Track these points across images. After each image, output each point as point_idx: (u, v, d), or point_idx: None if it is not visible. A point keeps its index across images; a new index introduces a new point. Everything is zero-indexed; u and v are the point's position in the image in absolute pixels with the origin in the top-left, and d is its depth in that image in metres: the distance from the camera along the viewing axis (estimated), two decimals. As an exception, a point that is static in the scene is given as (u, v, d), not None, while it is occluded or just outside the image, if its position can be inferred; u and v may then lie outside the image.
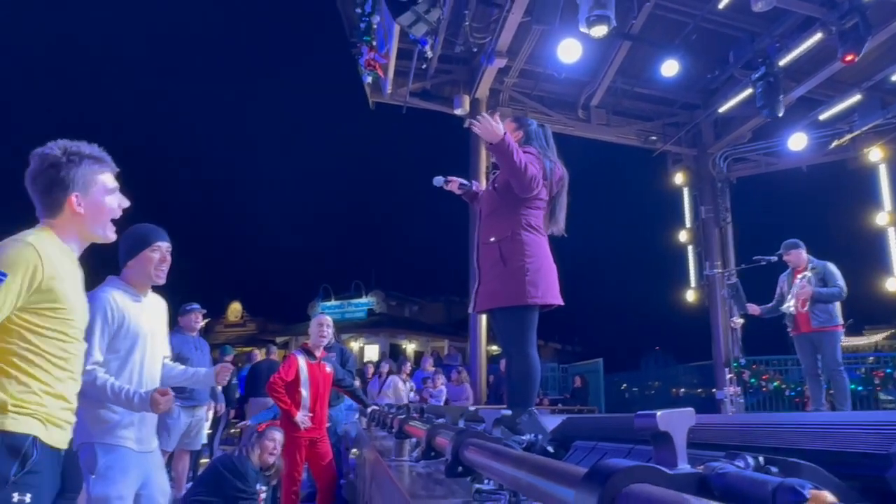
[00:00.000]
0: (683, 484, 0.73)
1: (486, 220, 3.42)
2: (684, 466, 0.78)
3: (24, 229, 1.90)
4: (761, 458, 0.80)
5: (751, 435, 1.05)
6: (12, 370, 1.74)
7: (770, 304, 6.90)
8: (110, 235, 2.08)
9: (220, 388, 7.03)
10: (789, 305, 6.52)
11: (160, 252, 2.75)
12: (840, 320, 6.36)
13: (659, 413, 0.80)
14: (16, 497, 1.64)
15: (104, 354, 2.53)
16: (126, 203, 2.10)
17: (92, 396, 2.39)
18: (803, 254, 6.61)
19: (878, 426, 0.83)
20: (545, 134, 3.64)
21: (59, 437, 1.85)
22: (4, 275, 1.71)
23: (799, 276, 6.53)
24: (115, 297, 2.62)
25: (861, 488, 0.80)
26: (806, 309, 6.32)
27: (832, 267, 6.47)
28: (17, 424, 1.69)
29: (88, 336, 2.19)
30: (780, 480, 0.67)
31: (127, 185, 2.15)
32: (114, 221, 2.09)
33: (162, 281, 2.78)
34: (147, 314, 2.75)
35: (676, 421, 0.80)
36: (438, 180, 3.68)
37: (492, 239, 3.29)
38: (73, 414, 1.92)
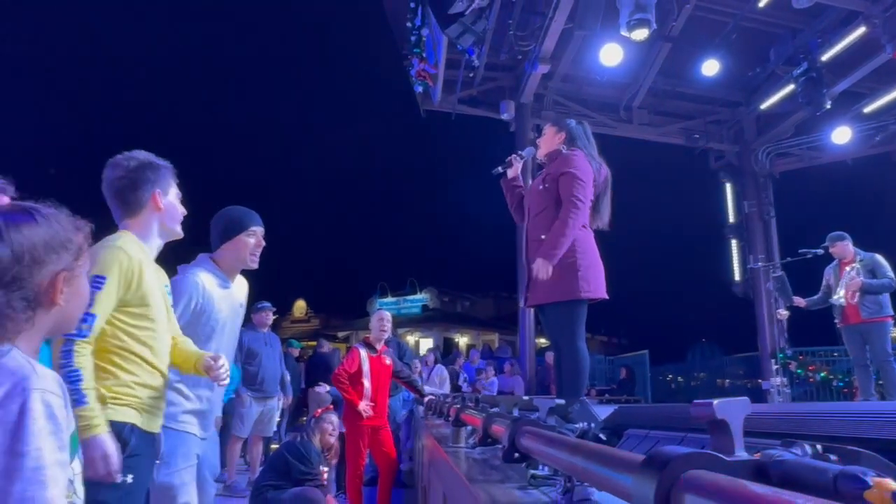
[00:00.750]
0: (741, 471, 0.71)
1: (536, 219, 3.40)
2: (742, 454, 0.76)
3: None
4: (819, 446, 0.77)
5: (805, 423, 1.01)
6: (109, 366, 1.82)
7: (816, 297, 6.63)
8: (179, 231, 2.17)
9: (288, 380, 7.22)
10: (839, 297, 6.25)
11: (256, 237, 2.59)
12: (890, 311, 6.06)
13: (716, 401, 0.78)
14: (119, 478, 1.73)
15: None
16: (185, 212, 2.19)
17: None
18: (849, 246, 6.33)
19: (940, 415, 0.79)
20: (585, 131, 3.59)
21: (155, 423, 1.95)
22: (103, 278, 1.77)
23: (847, 267, 6.25)
24: (204, 280, 2.45)
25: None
26: (855, 300, 6.05)
27: (880, 258, 6.18)
28: (117, 414, 1.77)
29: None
30: (841, 468, 0.64)
31: (191, 189, 2.23)
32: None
33: (255, 265, 2.61)
34: (231, 300, 2.59)
35: (733, 409, 0.78)
36: (529, 151, 3.66)
37: (542, 237, 3.27)
38: (164, 401, 2.01)
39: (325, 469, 4.69)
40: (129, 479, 1.75)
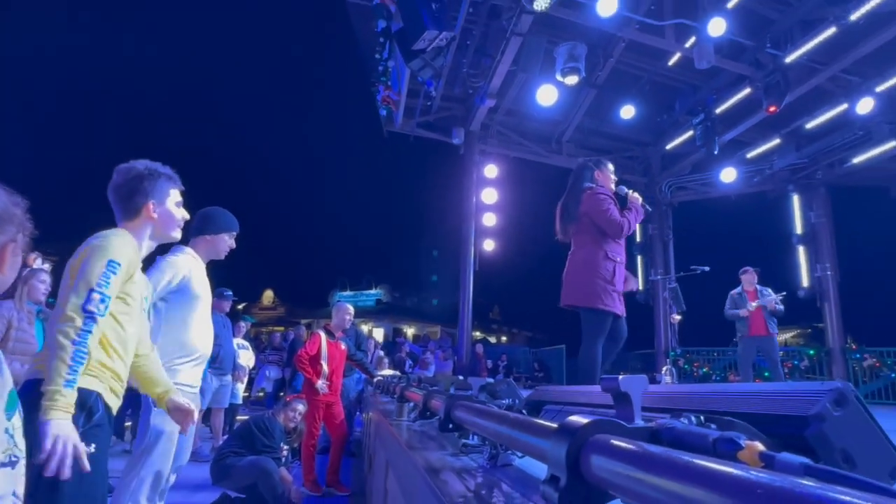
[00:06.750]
0: (638, 435, 0.72)
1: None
2: (639, 422, 0.77)
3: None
4: (702, 417, 0.79)
5: (692, 400, 1.04)
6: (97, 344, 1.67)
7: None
8: (175, 236, 2.04)
9: (241, 361, 7.03)
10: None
11: (232, 239, 2.67)
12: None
13: (620, 377, 0.79)
14: (67, 471, 1.49)
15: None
16: (187, 216, 2.07)
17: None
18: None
19: (799, 394, 0.83)
20: None
21: (114, 403, 1.76)
22: (118, 263, 1.66)
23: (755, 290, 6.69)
24: (191, 261, 2.51)
25: (783, 444, 0.79)
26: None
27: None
28: (86, 382, 1.61)
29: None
30: (719, 433, 0.66)
31: (191, 189, 2.11)
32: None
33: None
34: (206, 283, 2.59)
35: (634, 384, 0.79)
36: (622, 189, 3.87)
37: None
38: (122, 388, 1.82)
39: (286, 447, 4.56)
40: (92, 448, 1.56)
